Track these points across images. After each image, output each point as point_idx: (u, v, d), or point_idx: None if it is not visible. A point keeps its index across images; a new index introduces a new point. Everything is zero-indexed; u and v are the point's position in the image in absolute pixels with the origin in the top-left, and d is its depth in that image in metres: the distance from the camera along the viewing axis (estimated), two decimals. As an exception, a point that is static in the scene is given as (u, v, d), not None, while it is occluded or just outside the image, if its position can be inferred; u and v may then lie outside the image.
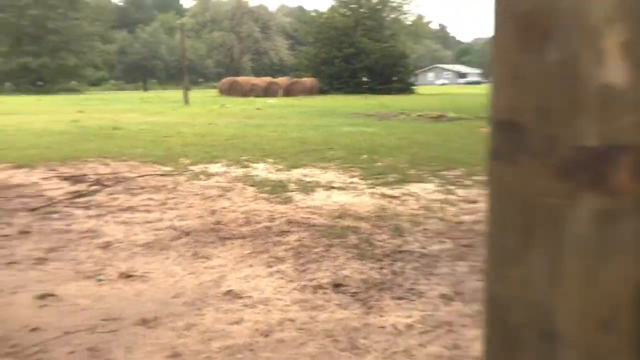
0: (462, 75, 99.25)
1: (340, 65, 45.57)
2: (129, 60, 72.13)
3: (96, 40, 64.85)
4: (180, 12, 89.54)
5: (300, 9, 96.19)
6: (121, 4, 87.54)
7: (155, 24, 77.14)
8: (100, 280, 3.50)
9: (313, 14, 66.63)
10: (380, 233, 4.69)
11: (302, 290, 3.38)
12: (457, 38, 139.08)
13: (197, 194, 6.17)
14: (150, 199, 5.93)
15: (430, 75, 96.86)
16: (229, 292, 3.33)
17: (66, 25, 57.99)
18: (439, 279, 3.66)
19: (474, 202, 5.99)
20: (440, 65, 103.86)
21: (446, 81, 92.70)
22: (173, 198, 5.97)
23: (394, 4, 52.37)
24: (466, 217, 5.30)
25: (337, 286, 3.47)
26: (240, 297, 3.26)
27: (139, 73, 72.03)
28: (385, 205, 5.70)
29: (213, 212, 5.34)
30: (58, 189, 6.49)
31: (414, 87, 48.65)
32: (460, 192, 6.47)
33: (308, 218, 5.15)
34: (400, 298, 3.33)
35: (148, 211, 5.37)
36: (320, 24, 48.32)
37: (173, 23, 79.38)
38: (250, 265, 3.83)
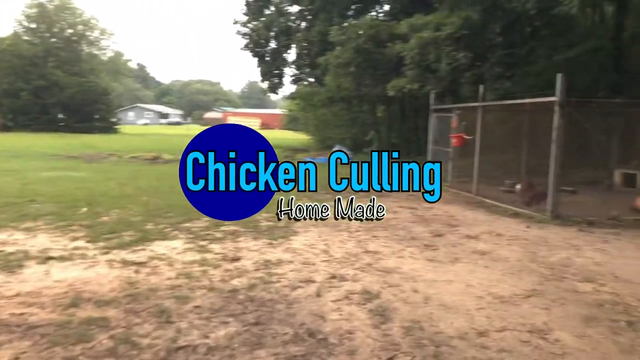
0: (164, 115, 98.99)
1: (27, 98, 39.44)
2: None
3: None
4: None
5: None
6: None
7: None
8: None
9: (-11, 38, 56.54)
10: (140, 323, 3.41)
11: None
12: (157, 79, 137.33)
13: None
14: None
15: (131, 115, 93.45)
16: None
17: None
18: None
19: (237, 259, 5.14)
20: (142, 105, 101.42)
21: (148, 121, 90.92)
22: None
23: (91, 38, 48.45)
24: (237, 282, 4.40)
25: None
26: None
27: None
28: (132, 278, 4.37)
29: None
30: None
31: (117, 127, 45.72)
32: (215, 247, 5.55)
33: (22, 314, 3.47)
34: None
35: None
36: (1, 50, 41.06)
37: None
38: None
